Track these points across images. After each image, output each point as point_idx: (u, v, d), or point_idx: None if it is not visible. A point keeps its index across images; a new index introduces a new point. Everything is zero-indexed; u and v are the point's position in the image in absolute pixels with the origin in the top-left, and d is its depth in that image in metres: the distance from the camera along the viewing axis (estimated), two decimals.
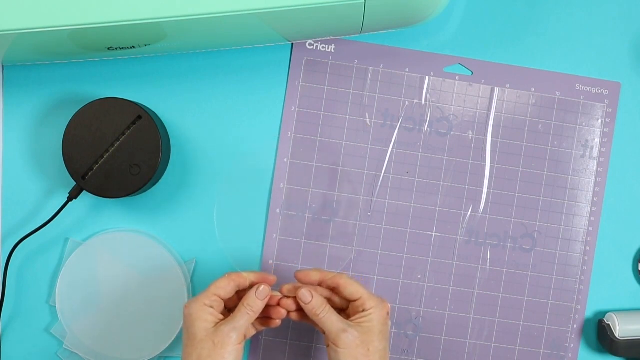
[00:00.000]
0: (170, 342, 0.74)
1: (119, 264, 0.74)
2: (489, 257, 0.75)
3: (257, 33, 0.67)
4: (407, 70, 0.75)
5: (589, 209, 0.75)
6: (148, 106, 0.73)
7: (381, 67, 0.75)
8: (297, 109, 0.75)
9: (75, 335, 0.74)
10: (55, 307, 0.74)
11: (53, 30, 0.60)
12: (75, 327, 0.74)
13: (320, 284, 0.69)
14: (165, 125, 0.74)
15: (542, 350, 0.75)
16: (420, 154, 0.75)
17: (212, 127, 0.75)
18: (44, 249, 0.75)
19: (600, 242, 0.76)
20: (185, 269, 0.75)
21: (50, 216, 0.72)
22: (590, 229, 0.75)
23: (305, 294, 0.66)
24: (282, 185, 0.75)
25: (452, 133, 0.75)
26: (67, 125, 0.69)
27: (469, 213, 0.75)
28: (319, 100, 0.75)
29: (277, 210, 0.75)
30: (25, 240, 0.72)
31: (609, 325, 0.74)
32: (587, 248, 0.75)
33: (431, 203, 0.75)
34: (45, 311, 0.75)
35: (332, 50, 0.75)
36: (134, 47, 0.66)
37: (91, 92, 0.74)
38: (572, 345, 0.76)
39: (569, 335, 0.76)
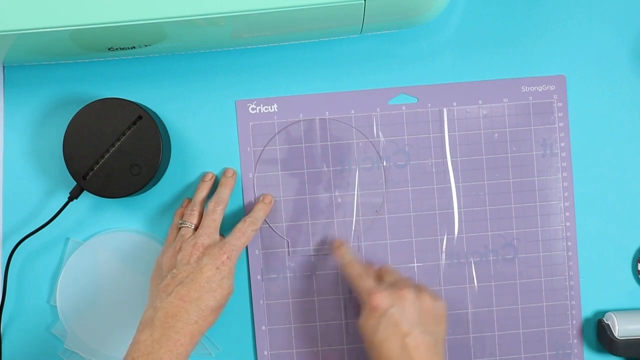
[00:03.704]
0: None
1: (119, 264, 0.75)
2: (474, 274, 0.75)
3: (257, 33, 0.67)
4: (352, 111, 0.75)
5: (561, 205, 0.75)
6: (148, 106, 0.73)
7: (327, 114, 0.75)
8: (255, 174, 0.75)
9: (76, 334, 0.75)
10: (55, 306, 0.75)
11: (54, 31, 0.61)
12: (76, 326, 0.75)
13: None
14: (166, 125, 0.74)
15: (547, 353, 0.76)
16: (384, 190, 0.75)
17: (212, 127, 0.75)
18: (45, 248, 0.76)
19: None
20: None
21: (51, 216, 0.73)
22: (568, 224, 0.75)
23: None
24: (257, 252, 0.75)
25: (410, 163, 0.75)
26: (68, 125, 0.70)
27: (445, 237, 0.75)
28: (274, 161, 0.75)
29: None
30: (26, 240, 0.73)
31: (608, 325, 0.74)
32: (569, 243, 0.75)
33: (406, 236, 0.75)
34: (46, 311, 0.76)
35: (276, 110, 0.75)
36: (134, 47, 0.67)
37: (92, 92, 0.75)
38: (575, 341, 0.76)
39: (570, 332, 0.76)
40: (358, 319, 0.67)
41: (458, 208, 0.75)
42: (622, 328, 0.73)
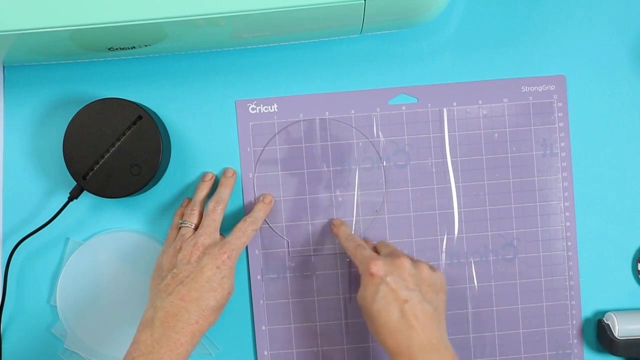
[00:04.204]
0: None
1: (119, 264, 0.75)
2: (474, 274, 0.75)
3: (257, 33, 0.67)
4: (352, 111, 0.75)
5: (561, 205, 0.75)
6: (148, 106, 0.73)
7: (327, 114, 0.75)
8: (255, 174, 0.75)
9: (76, 334, 0.75)
10: (55, 307, 0.75)
11: (54, 31, 0.61)
12: (76, 326, 0.75)
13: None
14: (166, 125, 0.74)
15: (547, 353, 0.76)
16: (384, 190, 0.75)
17: (212, 127, 0.75)
18: (45, 248, 0.76)
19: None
20: None
21: (51, 216, 0.73)
22: (568, 224, 0.75)
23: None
24: (257, 252, 0.75)
25: (411, 163, 0.75)
26: (68, 125, 0.70)
27: (445, 237, 0.75)
28: (274, 161, 0.75)
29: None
30: (26, 240, 0.73)
31: (608, 324, 0.74)
32: (569, 243, 0.75)
33: (406, 236, 0.75)
34: (46, 311, 0.76)
35: (276, 110, 0.75)
36: (134, 47, 0.67)
37: (92, 92, 0.75)
38: (575, 341, 0.76)
39: (570, 332, 0.76)
40: (356, 293, 0.67)
41: (458, 208, 0.75)
42: (622, 328, 0.73)
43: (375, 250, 0.72)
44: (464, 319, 0.75)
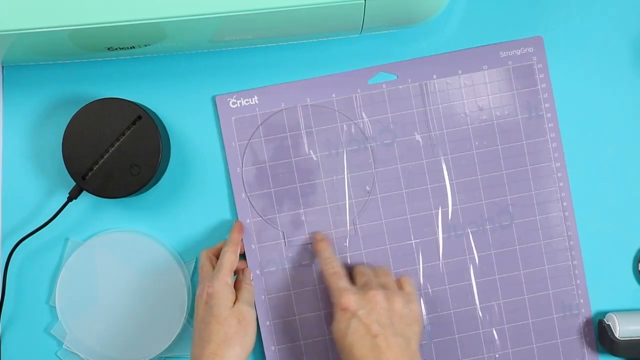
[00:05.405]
0: (171, 342, 0.74)
1: (119, 264, 0.74)
2: (473, 245, 0.75)
3: (256, 33, 0.67)
4: (333, 95, 0.75)
5: (553, 166, 0.75)
6: (148, 106, 0.73)
7: (308, 101, 0.75)
8: (243, 169, 0.75)
9: (75, 335, 0.74)
10: (55, 307, 0.75)
11: (53, 31, 0.61)
12: (75, 327, 0.74)
13: None
14: (165, 125, 0.74)
15: (554, 316, 0.75)
16: (373, 170, 0.75)
17: (211, 127, 0.75)
18: (44, 249, 0.75)
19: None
20: (185, 269, 0.75)
21: (51, 216, 0.72)
22: (561, 184, 0.75)
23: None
24: (253, 246, 0.75)
25: (397, 140, 0.75)
26: (67, 125, 0.70)
27: (439, 210, 0.75)
28: (260, 153, 0.74)
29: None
30: (25, 241, 0.73)
31: (609, 325, 0.73)
32: (565, 204, 0.75)
33: (401, 213, 0.75)
34: (45, 311, 0.75)
35: (257, 102, 0.74)
36: (133, 47, 0.67)
37: (91, 92, 0.75)
38: (581, 300, 0.75)
39: (575, 292, 0.75)
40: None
41: (449, 180, 0.75)
42: (623, 329, 0.72)
43: (351, 276, 0.71)
44: (468, 291, 0.75)
